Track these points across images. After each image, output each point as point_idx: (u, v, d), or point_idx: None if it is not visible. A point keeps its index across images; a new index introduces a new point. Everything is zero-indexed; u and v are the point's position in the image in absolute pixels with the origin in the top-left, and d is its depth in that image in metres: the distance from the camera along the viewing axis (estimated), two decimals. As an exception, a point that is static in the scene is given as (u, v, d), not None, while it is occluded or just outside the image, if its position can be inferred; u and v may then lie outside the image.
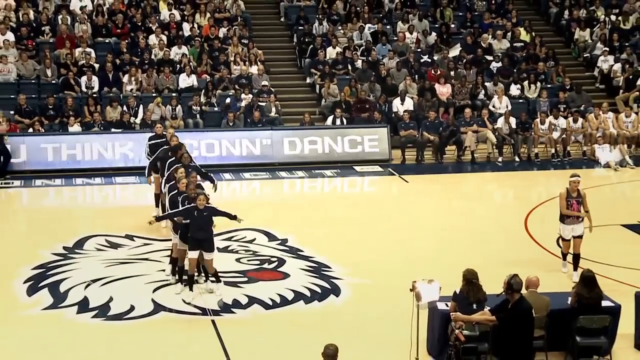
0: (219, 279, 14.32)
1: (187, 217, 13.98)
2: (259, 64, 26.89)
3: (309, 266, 15.78)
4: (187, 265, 14.25)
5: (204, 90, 25.50)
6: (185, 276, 14.36)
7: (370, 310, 13.84)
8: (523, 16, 30.94)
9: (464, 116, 24.89)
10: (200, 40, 27.32)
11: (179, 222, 14.15)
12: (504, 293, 10.79)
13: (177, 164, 16.23)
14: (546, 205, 19.31)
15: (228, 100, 25.25)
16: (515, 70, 27.79)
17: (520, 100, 26.80)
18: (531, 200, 20.54)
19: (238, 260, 15.99)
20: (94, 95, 24.93)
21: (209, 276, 14.41)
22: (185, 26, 28.07)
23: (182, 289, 14.39)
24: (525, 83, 27.22)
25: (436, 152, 24.38)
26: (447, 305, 11.55)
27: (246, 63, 26.89)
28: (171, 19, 28.08)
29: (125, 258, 16.11)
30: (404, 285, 11.26)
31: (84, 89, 25.21)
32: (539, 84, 27.21)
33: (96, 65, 26.03)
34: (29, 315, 13.70)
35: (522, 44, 29.13)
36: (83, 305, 13.92)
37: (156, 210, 17.81)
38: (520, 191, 22.28)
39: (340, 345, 9.53)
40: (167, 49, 26.66)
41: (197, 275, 14.55)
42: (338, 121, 24.74)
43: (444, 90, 26.38)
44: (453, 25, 29.89)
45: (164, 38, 27.14)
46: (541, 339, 11.58)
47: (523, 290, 10.97)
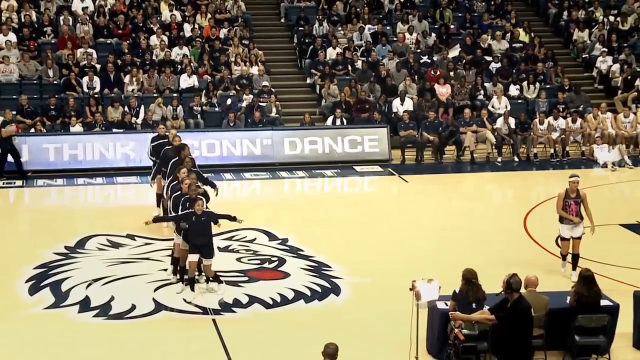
0: (220, 280, 14.35)
1: (185, 222, 13.99)
2: (259, 64, 26.90)
3: (309, 266, 15.82)
4: (188, 267, 14.30)
5: (204, 91, 25.53)
6: (186, 276, 14.40)
7: (370, 310, 13.88)
8: (522, 17, 30.93)
9: (463, 116, 24.91)
10: (201, 40, 27.35)
11: (182, 228, 14.11)
12: (503, 292, 10.83)
13: (180, 165, 16.22)
14: (545, 205, 19.30)
15: (229, 100, 25.27)
16: (514, 70, 27.80)
17: (520, 101, 26.82)
18: (530, 200, 20.58)
19: (239, 259, 16.01)
20: (96, 95, 24.96)
21: (209, 279, 14.45)
22: (186, 27, 28.09)
23: (183, 288, 14.42)
24: (525, 83, 27.24)
25: (436, 152, 24.41)
26: (447, 305, 11.58)
27: (247, 64, 26.92)
28: (172, 19, 28.10)
29: (127, 257, 16.15)
30: (404, 284, 11.28)
31: (85, 90, 25.23)
32: (538, 85, 27.23)
33: (98, 66, 26.03)
34: (30, 314, 13.74)
35: (521, 45, 29.12)
36: (84, 305, 13.96)
37: (157, 210, 17.84)
38: (520, 191, 22.32)
39: (340, 344, 9.57)
40: (168, 50, 26.68)
41: (198, 275, 14.58)
42: (338, 121, 24.76)
43: (443, 90, 26.40)
44: (452, 26, 29.89)
45: (165, 39, 27.17)
46: (540, 338, 11.60)
47: (522, 290, 11.01)
